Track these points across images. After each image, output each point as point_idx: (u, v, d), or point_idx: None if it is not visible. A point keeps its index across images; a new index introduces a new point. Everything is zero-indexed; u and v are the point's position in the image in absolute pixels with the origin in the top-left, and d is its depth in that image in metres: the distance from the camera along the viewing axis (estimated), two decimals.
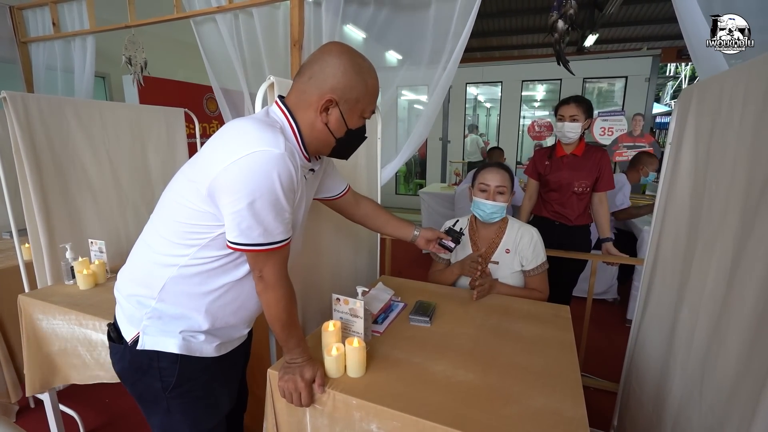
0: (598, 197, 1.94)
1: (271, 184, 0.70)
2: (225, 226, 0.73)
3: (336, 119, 0.81)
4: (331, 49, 0.80)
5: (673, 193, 1.08)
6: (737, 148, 0.71)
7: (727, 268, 0.71)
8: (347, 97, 0.80)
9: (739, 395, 0.62)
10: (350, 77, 0.78)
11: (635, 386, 1.23)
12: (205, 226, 0.75)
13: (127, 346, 0.81)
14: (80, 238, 1.65)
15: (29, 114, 1.49)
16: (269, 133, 0.72)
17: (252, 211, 0.70)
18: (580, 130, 1.85)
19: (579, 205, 1.94)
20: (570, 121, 1.84)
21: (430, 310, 1.20)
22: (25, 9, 2.53)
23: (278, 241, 0.75)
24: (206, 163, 0.73)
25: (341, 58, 0.78)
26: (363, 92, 0.81)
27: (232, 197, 0.70)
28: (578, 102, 1.85)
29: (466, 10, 1.66)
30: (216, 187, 0.71)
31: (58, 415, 1.52)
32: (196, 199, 0.74)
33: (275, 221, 0.73)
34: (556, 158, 1.96)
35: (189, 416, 0.85)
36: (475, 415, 0.78)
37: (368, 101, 0.84)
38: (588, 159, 1.90)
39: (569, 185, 1.92)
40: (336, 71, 0.78)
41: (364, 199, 1.19)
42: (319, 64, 0.79)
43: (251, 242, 0.73)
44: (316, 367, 0.87)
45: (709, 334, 0.76)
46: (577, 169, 1.91)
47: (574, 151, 1.92)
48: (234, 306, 0.84)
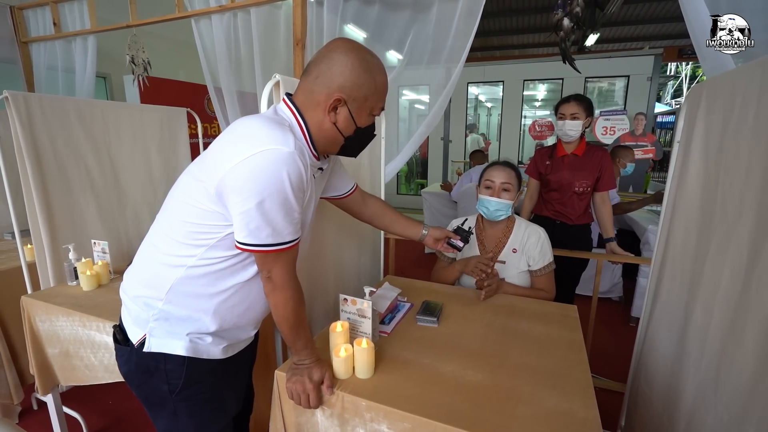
0: (600, 197, 1.93)
1: (280, 183, 0.68)
2: (233, 226, 0.72)
3: (345, 118, 0.79)
4: (338, 46, 0.78)
5: (683, 192, 1.07)
6: (752, 145, 0.70)
7: (742, 267, 0.69)
8: (356, 96, 0.78)
9: (758, 395, 0.61)
10: (358, 75, 0.76)
11: (644, 386, 1.22)
12: (214, 226, 0.74)
13: (134, 348, 0.80)
14: (83, 238, 1.64)
15: (31, 114, 1.48)
16: (278, 131, 0.70)
17: (261, 211, 0.69)
18: (581, 128, 1.85)
19: (580, 204, 1.94)
20: (571, 119, 1.84)
21: (437, 310, 1.19)
22: (26, 9, 2.51)
23: (287, 242, 0.74)
24: (214, 162, 0.72)
25: (349, 56, 0.76)
26: (372, 90, 0.79)
27: (240, 197, 0.68)
28: (579, 100, 1.85)
29: (469, 11, 1.65)
30: (224, 187, 0.69)
31: (61, 416, 1.51)
32: (204, 199, 0.73)
33: (284, 221, 0.72)
34: (557, 158, 1.95)
35: (195, 419, 0.84)
36: (487, 417, 0.77)
37: (377, 99, 0.82)
38: (589, 159, 1.89)
39: (570, 185, 1.91)
40: (344, 69, 0.76)
41: (371, 198, 1.18)
42: (327, 63, 0.77)
43: (260, 243, 0.71)
44: (324, 368, 0.86)
45: (725, 333, 0.75)
46: (578, 169, 1.90)
47: (575, 151, 1.91)
48: (242, 307, 0.83)
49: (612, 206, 2.58)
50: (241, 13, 1.96)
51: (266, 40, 1.96)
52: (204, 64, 2.09)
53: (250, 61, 2.01)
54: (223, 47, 2.02)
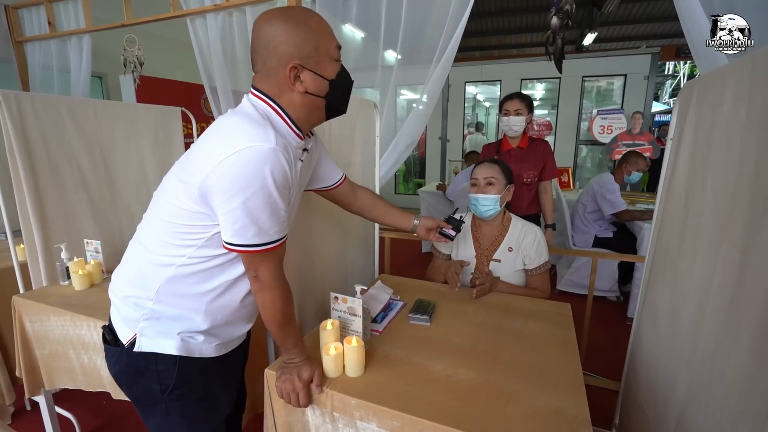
0: (543, 186, 2.08)
1: (263, 180, 0.67)
2: (220, 226, 0.72)
3: (312, 79, 0.76)
4: (259, 22, 0.74)
5: (673, 190, 1.07)
6: (745, 139, 0.70)
7: (736, 263, 0.69)
8: (307, 53, 0.74)
9: (753, 394, 0.61)
10: (295, 33, 0.72)
11: (633, 384, 1.22)
12: (200, 227, 0.73)
13: (124, 349, 0.79)
14: (75, 238, 1.63)
15: (23, 113, 1.47)
16: (259, 129, 0.69)
17: (245, 210, 0.68)
18: (524, 123, 2.00)
19: (528, 194, 2.07)
20: (515, 115, 1.97)
21: (429, 308, 1.18)
22: (21, 8, 2.51)
23: (273, 241, 0.73)
24: (196, 163, 0.71)
25: (273, 24, 0.72)
26: (315, 37, 0.74)
27: (224, 196, 0.67)
28: (521, 98, 2.00)
29: (461, 7, 1.65)
30: (207, 187, 0.68)
31: (54, 417, 1.50)
32: (188, 200, 0.72)
33: (270, 220, 0.71)
34: (504, 152, 2.08)
35: (188, 418, 0.83)
36: (476, 414, 0.77)
37: (326, 41, 0.76)
38: (533, 151, 2.05)
39: (518, 177, 2.01)
40: (279, 38, 0.72)
41: (361, 189, 1.16)
42: (261, 43, 0.73)
43: (246, 243, 0.71)
44: (314, 367, 0.85)
45: (718, 331, 0.74)
46: (524, 161, 2.03)
47: (519, 144, 2.06)
48: (234, 304, 0.83)
49: (620, 212, 2.63)
50: (237, 12, 1.96)
51: None
52: (200, 64, 2.09)
53: (246, 60, 2.01)
54: (218, 46, 2.01)
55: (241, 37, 1.97)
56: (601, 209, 2.71)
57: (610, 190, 2.66)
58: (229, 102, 2.11)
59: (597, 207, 2.74)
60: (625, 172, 2.79)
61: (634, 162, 2.78)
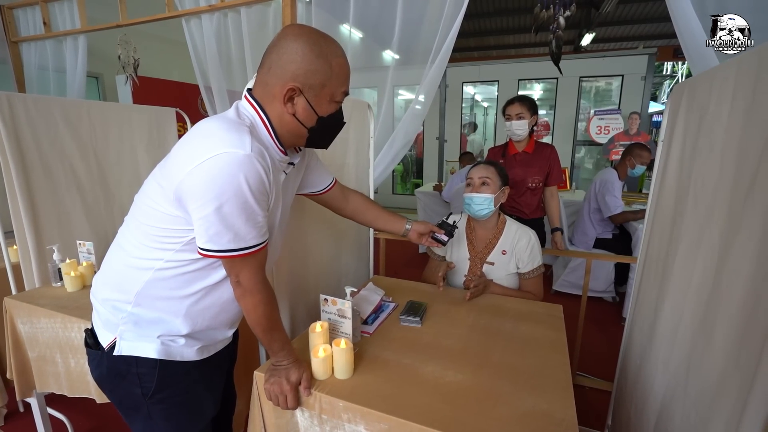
0: (550, 191, 2.07)
1: (237, 187, 0.66)
2: (195, 232, 0.71)
3: (303, 108, 0.76)
4: (287, 33, 0.73)
5: (663, 191, 1.07)
6: (725, 142, 0.70)
7: (713, 265, 0.69)
8: (311, 83, 0.74)
9: (727, 392, 0.61)
10: (311, 61, 0.72)
11: (624, 385, 1.22)
12: (178, 230, 0.73)
13: (104, 352, 0.79)
14: (68, 239, 1.63)
15: (15, 114, 1.46)
16: (234, 134, 0.68)
17: (219, 216, 0.67)
18: (528, 126, 1.97)
19: (533, 199, 2.06)
20: (517, 119, 1.96)
21: (420, 310, 1.18)
22: (16, 8, 2.50)
23: (251, 246, 0.72)
24: (172, 167, 0.70)
25: (298, 42, 0.71)
26: (328, 75, 0.74)
27: (198, 202, 0.67)
28: (522, 101, 1.97)
29: (455, 8, 1.65)
30: (182, 192, 0.68)
31: (46, 419, 1.49)
32: (165, 204, 0.71)
33: (246, 225, 0.70)
34: (509, 156, 2.07)
35: (171, 422, 0.83)
36: (463, 417, 0.77)
37: (337, 84, 0.77)
38: (539, 156, 2.02)
39: (523, 181, 2.02)
40: (294, 57, 0.71)
41: (353, 193, 1.16)
42: (277, 52, 0.73)
43: (221, 248, 0.70)
44: (302, 369, 0.85)
45: (695, 331, 0.74)
46: (529, 166, 2.02)
47: (525, 149, 2.04)
48: (214, 309, 0.82)
49: (616, 215, 2.62)
50: (231, 13, 1.96)
51: (256, 39, 1.95)
52: (195, 64, 2.08)
53: (241, 60, 2.01)
54: (213, 47, 2.01)
55: (236, 38, 1.97)
56: (601, 209, 2.70)
57: (609, 190, 2.62)
58: (224, 102, 2.11)
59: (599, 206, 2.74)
60: (629, 165, 2.66)
61: (638, 155, 2.63)
